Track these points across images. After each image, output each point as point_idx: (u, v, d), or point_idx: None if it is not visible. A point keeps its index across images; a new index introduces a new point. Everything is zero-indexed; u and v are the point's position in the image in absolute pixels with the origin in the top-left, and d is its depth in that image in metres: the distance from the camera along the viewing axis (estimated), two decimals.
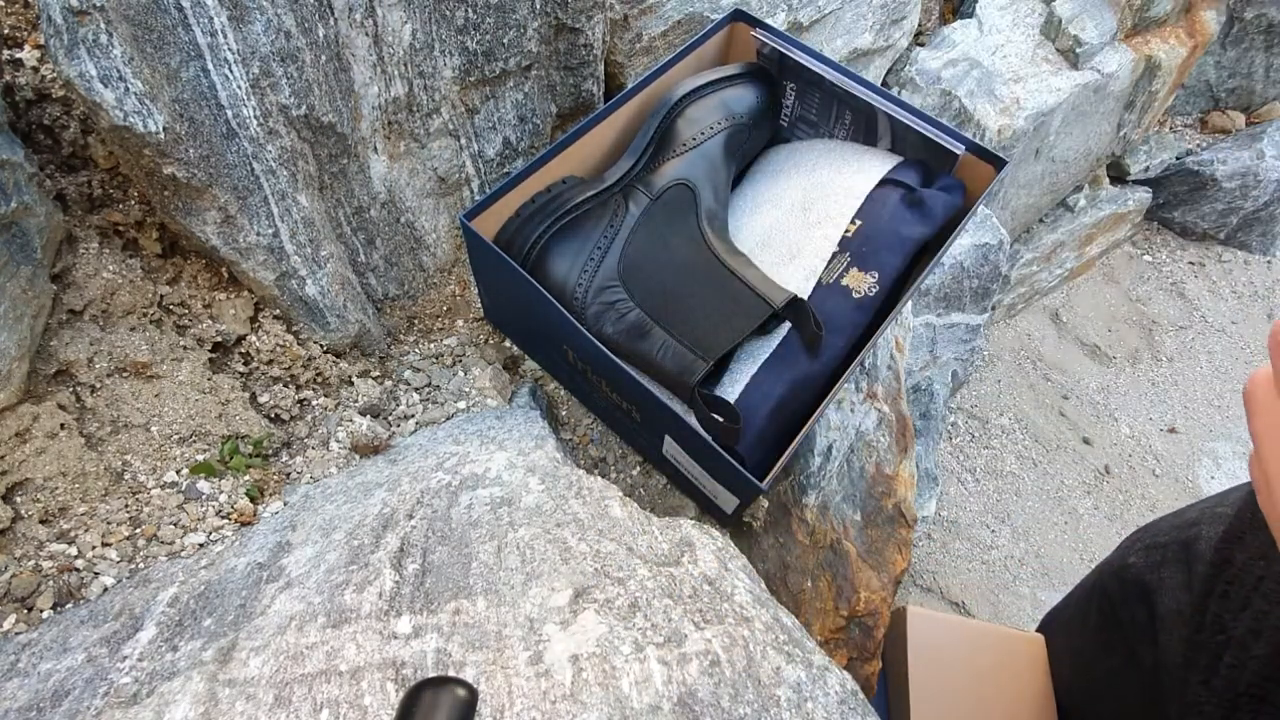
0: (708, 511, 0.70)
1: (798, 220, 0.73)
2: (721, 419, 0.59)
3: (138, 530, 0.54)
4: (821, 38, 1.07)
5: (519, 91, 0.75)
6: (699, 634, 0.45)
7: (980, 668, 0.76)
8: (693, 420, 0.60)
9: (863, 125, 0.75)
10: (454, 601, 0.46)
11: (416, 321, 0.78)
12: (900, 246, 0.68)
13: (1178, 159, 1.88)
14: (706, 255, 0.67)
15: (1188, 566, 0.56)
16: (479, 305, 0.79)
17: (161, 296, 0.61)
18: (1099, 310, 1.88)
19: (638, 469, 0.74)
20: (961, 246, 1.16)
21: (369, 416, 0.68)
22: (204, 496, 0.57)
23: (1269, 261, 1.96)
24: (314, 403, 0.67)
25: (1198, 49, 1.55)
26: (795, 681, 0.43)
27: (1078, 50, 1.32)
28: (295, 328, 0.66)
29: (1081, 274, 1.91)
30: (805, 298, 0.67)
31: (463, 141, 0.74)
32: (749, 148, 0.77)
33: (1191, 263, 1.96)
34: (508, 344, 0.79)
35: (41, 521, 0.52)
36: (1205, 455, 1.67)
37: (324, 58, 0.58)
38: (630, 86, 0.71)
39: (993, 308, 1.56)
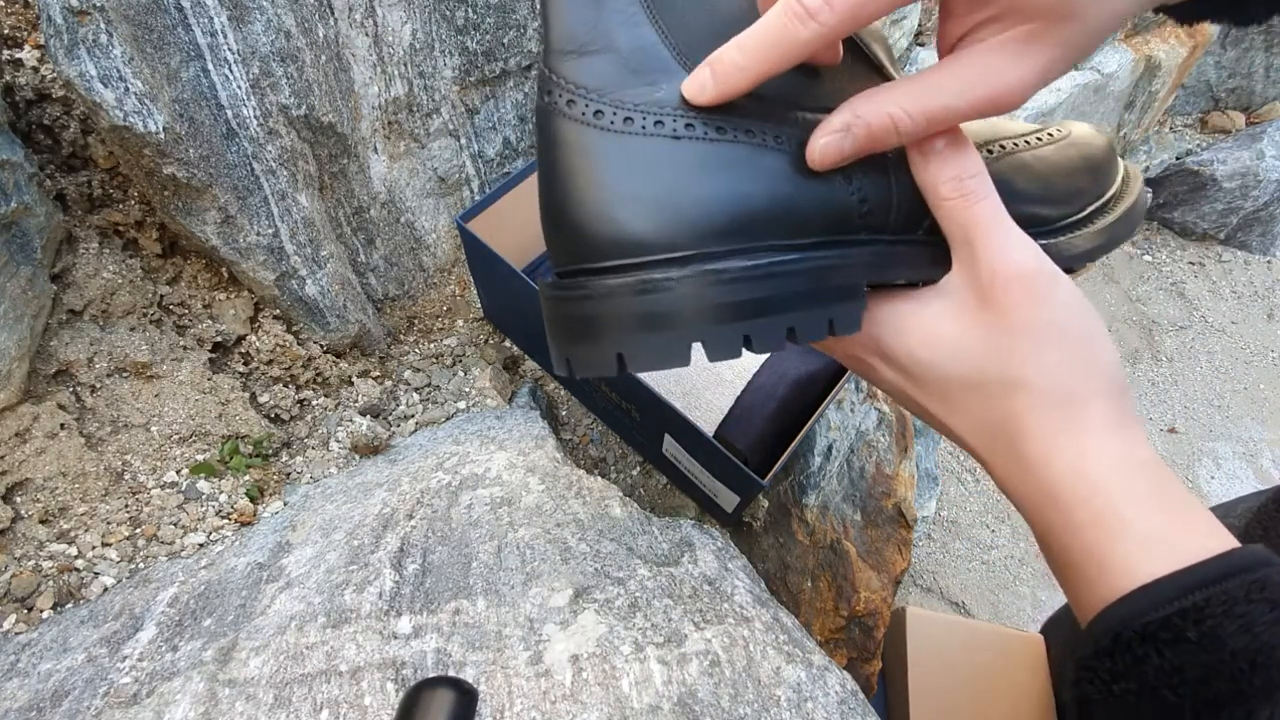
0: (708, 511, 0.70)
1: None
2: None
3: (138, 530, 0.54)
4: None
5: (519, 91, 0.75)
6: (699, 634, 0.45)
7: (980, 668, 0.76)
8: (690, 418, 0.60)
9: None
10: (454, 601, 0.46)
11: (416, 321, 0.78)
12: None
13: (1178, 159, 1.88)
14: None
15: None
16: (479, 305, 0.79)
17: (161, 296, 0.61)
18: (1099, 310, 1.88)
19: (638, 469, 0.74)
20: None
21: (369, 416, 0.68)
22: (204, 496, 0.57)
23: (1269, 261, 1.96)
24: (314, 403, 0.67)
25: (1198, 49, 1.55)
26: (795, 681, 0.43)
27: None
28: (295, 328, 0.66)
29: (1081, 274, 1.91)
30: None
31: (463, 141, 0.74)
32: None
33: (1191, 263, 1.96)
34: (508, 344, 0.79)
35: (41, 521, 0.52)
36: (1205, 455, 1.67)
37: (324, 58, 0.58)
38: None
39: None
